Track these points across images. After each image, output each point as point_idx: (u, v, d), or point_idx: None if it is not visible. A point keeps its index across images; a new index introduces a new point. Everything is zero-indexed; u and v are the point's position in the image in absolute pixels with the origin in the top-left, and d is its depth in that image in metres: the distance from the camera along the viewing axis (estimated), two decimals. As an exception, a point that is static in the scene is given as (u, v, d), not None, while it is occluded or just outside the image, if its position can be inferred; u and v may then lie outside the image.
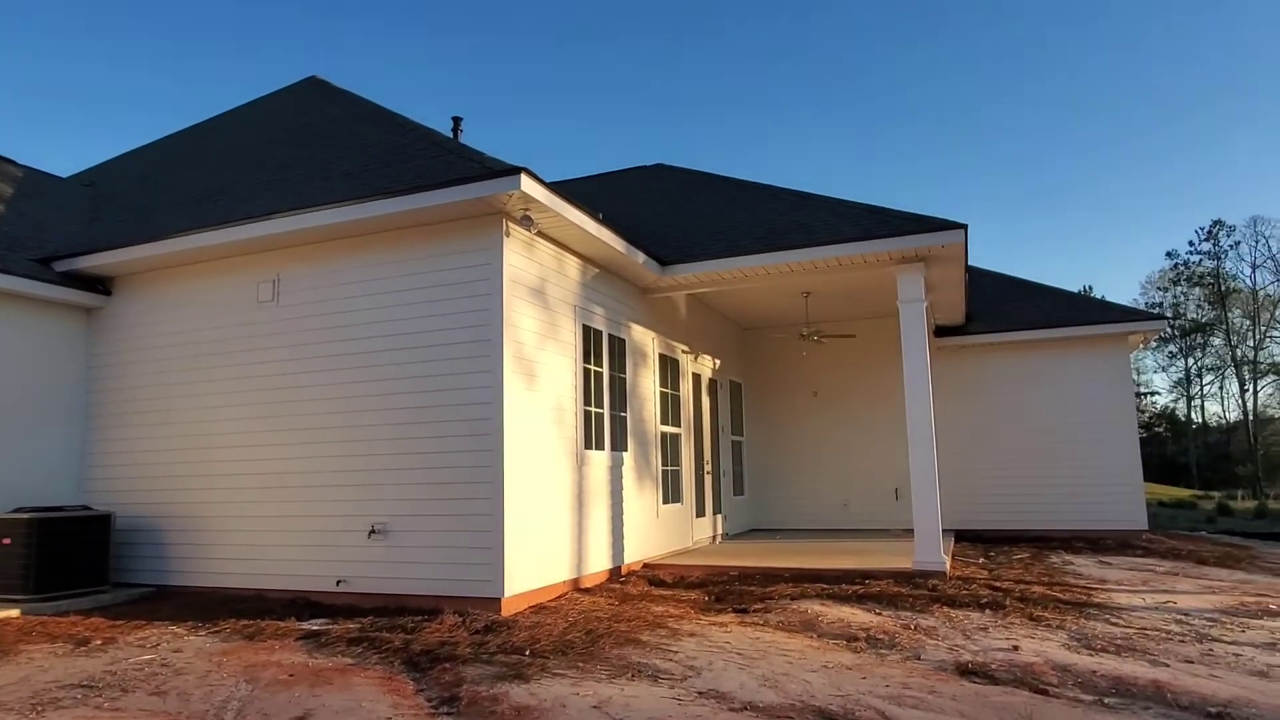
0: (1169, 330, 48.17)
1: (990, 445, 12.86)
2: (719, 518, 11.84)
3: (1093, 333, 12.45)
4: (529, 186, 6.34)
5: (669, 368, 10.42)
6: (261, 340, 7.56)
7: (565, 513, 7.47)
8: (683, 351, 10.86)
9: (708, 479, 11.46)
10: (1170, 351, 50.61)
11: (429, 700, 4.23)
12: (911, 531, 8.24)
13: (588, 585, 7.70)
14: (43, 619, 6.26)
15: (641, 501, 9.21)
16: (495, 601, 6.30)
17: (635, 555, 8.89)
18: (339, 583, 6.86)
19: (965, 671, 4.67)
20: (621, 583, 8.01)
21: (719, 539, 11.72)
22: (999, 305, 13.35)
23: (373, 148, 8.28)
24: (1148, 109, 70.97)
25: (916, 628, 5.86)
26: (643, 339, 9.65)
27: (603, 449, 8.36)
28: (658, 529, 9.62)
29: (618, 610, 6.48)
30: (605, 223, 7.72)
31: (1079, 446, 12.48)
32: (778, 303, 11.61)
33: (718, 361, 12.27)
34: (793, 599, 6.89)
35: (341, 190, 7.20)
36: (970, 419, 12.95)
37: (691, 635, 5.63)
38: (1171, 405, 52.04)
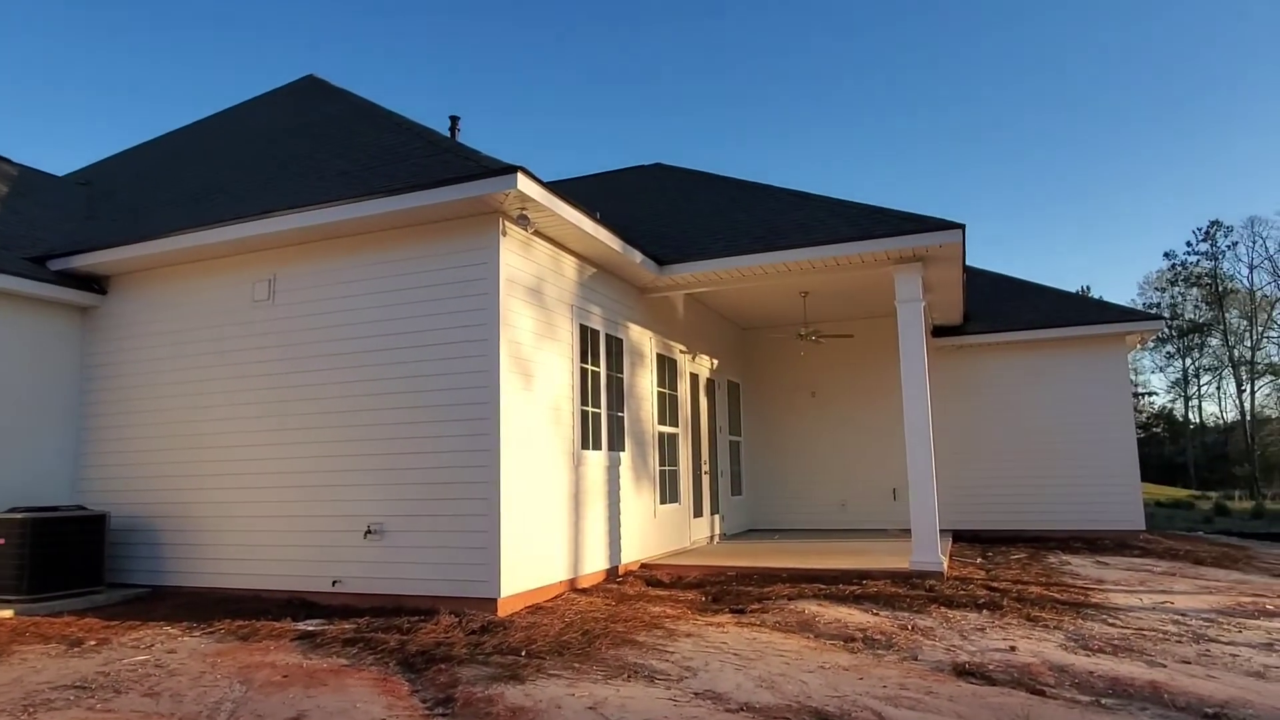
0: (1166, 331, 48.25)
1: (988, 445, 12.85)
2: (717, 518, 11.83)
3: (1090, 333, 12.45)
4: (525, 185, 6.32)
5: (666, 367, 10.41)
6: (257, 340, 7.53)
7: (562, 513, 7.45)
8: (680, 351, 10.85)
9: (705, 479, 11.45)
10: (1168, 352, 50.73)
11: (424, 701, 4.21)
12: (909, 531, 8.24)
13: (584, 585, 7.68)
14: (36, 620, 6.24)
15: (639, 501, 9.20)
16: (491, 602, 6.29)
17: (632, 555, 8.88)
18: (335, 583, 6.84)
19: (962, 672, 4.66)
20: (618, 583, 7.99)
21: (717, 539, 11.70)
22: (997, 305, 13.34)
23: (369, 147, 8.26)
24: (1146, 109, 71.17)
25: (913, 628, 5.85)
26: (640, 339, 9.64)
27: (600, 449, 8.34)
28: (655, 529, 9.61)
29: (614, 610, 6.46)
30: (602, 222, 7.70)
31: (1077, 446, 12.48)
32: (776, 303, 11.60)
33: (715, 361, 12.26)
34: (790, 599, 6.88)
35: (338, 189, 7.18)
36: (968, 419, 12.94)
37: (688, 636, 5.61)
38: (1169, 405, 52.20)
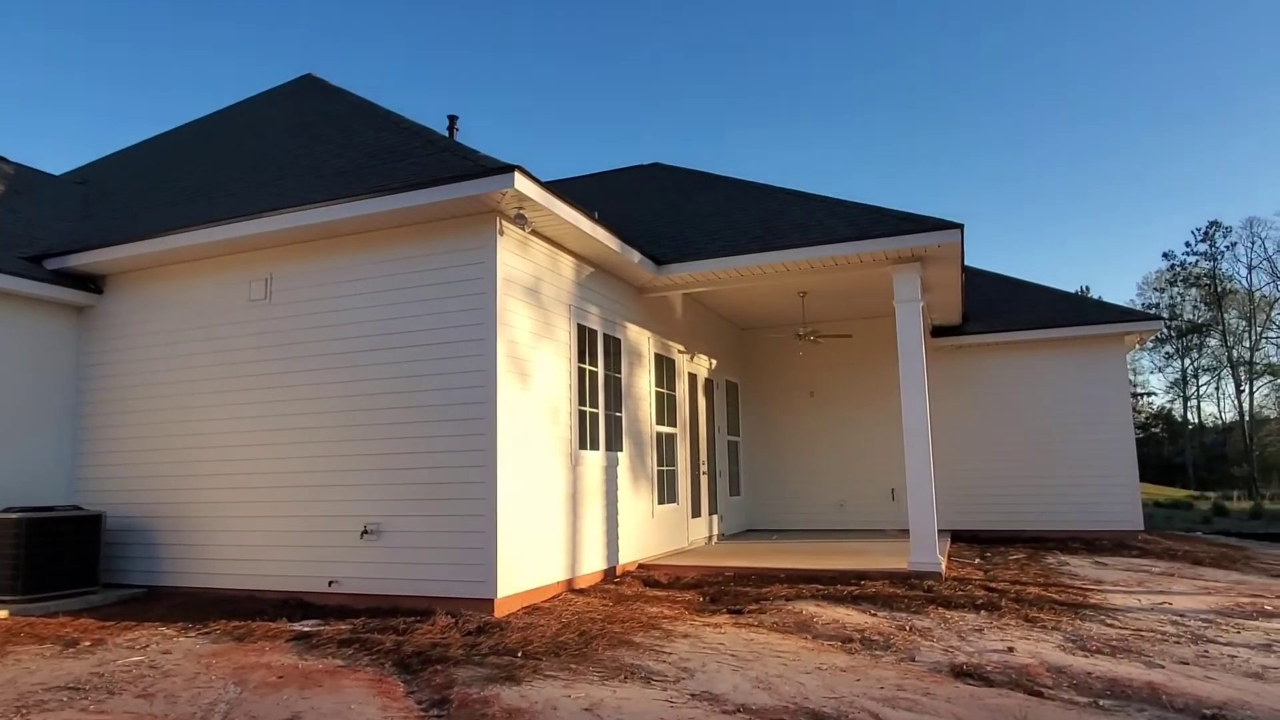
0: (1165, 331, 48.30)
1: (987, 445, 12.83)
2: (715, 518, 11.81)
3: (1089, 333, 12.44)
4: (522, 185, 6.30)
5: (665, 367, 10.39)
6: (254, 339, 7.51)
7: (559, 513, 7.43)
8: (679, 351, 10.83)
9: (704, 479, 11.43)
10: (1167, 352, 50.77)
11: (419, 703, 4.19)
12: (907, 532, 8.22)
13: (582, 586, 7.66)
14: (31, 620, 6.21)
15: (636, 502, 9.18)
16: (488, 602, 6.27)
17: (630, 556, 8.86)
18: (331, 583, 6.82)
19: (960, 673, 4.65)
20: (616, 583, 7.97)
21: (715, 539, 11.69)
22: (996, 305, 13.33)
23: (367, 146, 8.24)
24: (1145, 109, 71.20)
25: (911, 629, 5.83)
26: (638, 339, 9.62)
27: (597, 449, 8.32)
28: (653, 529, 9.59)
29: (611, 611, 6.44)
30: (600, 221, 7.68)
31: (1076, 447, 12.47)
32: (774, 303, 11.59)
33: (714, 361, 12.24)
34: (788, 600, 6.86)
35: (335, 189, 7.15)
36: (967, 419, 12.93)
37: (685, 636, 5.59)
38: (1168, 406, 52.24)
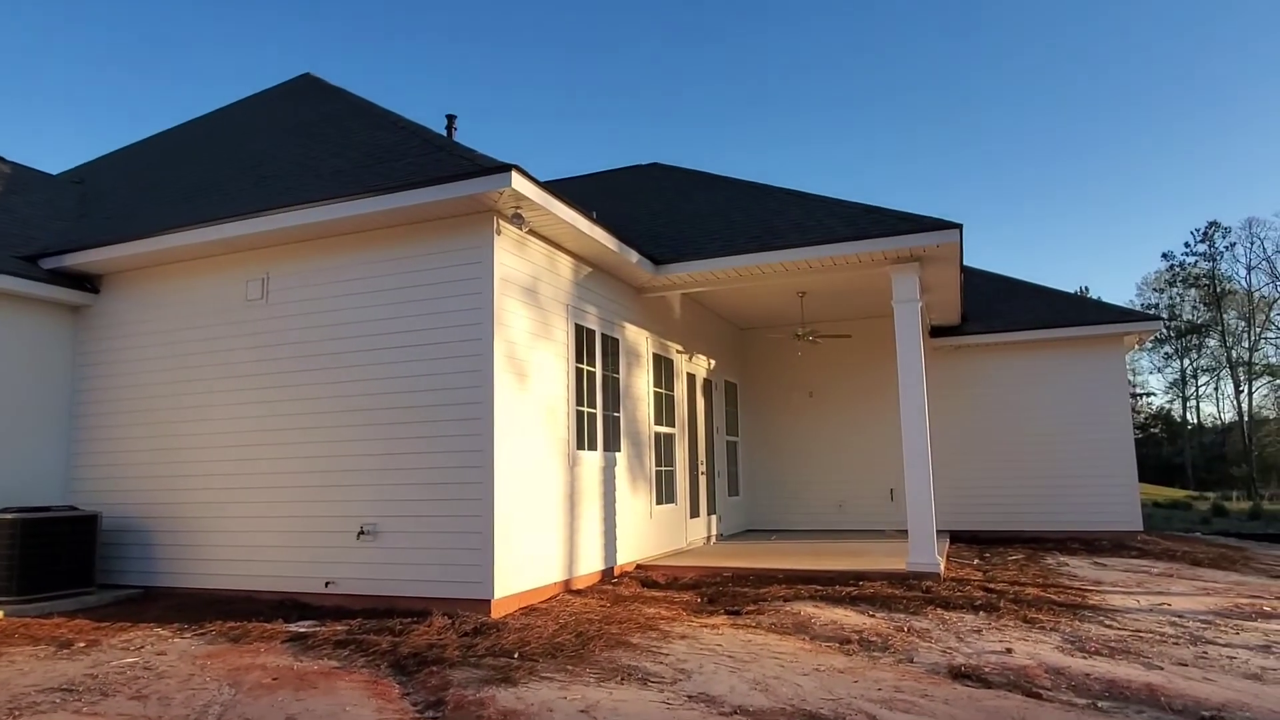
0: (1165, 331, 48.30)
1: (986, 446, 12.81)
2: (713, 518, 11.79)
3: (1089, 333, 12.42)
4: (520, 184, 6.28)
5: (663, 367, 10.37)
6: (250, 339, 7.49)
7: (557, 513, 7.41)
8: (677, 351, 10.81)
9: (702, 479, 11.41)
10: (1166, 353, 50.78)
11: (414, 704, 4.17)
12: (906, 532, 8.20)
13: (579, 586, 7.64)
14: (26, 621, 6.19)
15: (635, 502, 9.16)
16: (485, 603, 6.24)
17: (628, 556, 8.84)
18: (328, 584, 6.80)
19: (958, 675, 4.63)
20: (614, 584, 7.95)
21: (713, 540, 11.66)
22: (995, 306, 13.31)
23: (365, 145, 8.22)
24: (1145, 110, 71.21)
25: (910, 630, 5.81)
26: (637, 339, 9.59)
27: (595, 449, 8.30)
28: (651, 530, 9.57)
29: (609, 612, 6.42)
30: (598, 221, 7.66)
31: (1075, 447, 12.44)
32: (773, 303, 11.57)
33: (713, 361, 12.22)
34: (786, 600, 6.84)
35: (332, 188, 7.13)
36: (966, 419, 12.91)
37: (683, 638, 5.57)
38: (1167, 406, 52.25)
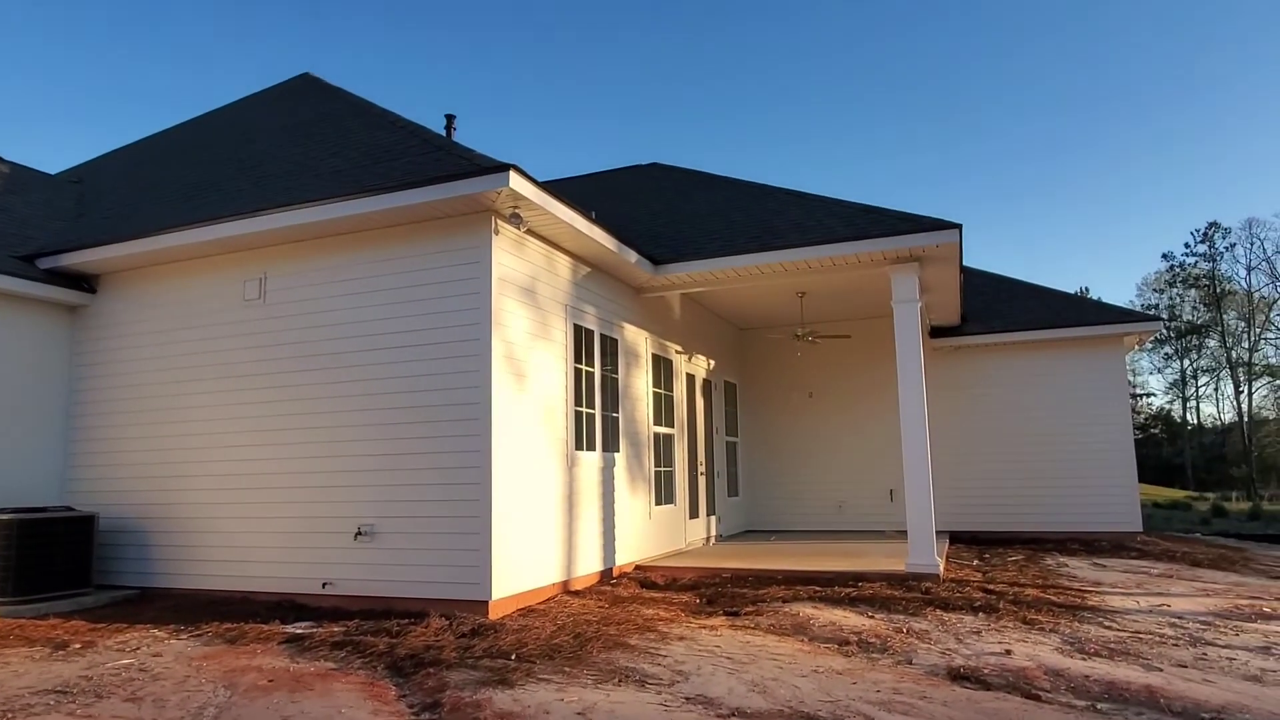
0: (1164, 332, 48.29)
1: (985, 446, 12.78)
2: (713, 519, 11.77)
3: (1089, 334, 12.39)
4: (518, 184, 6.26)
5: (662, 368, 10.34)
6: (248, 339, 7.46)
7: (555, 514, 7.38)
8: (676, 352, 10.79)
9: (701, 480, 11.39)
10: (1166, 353, 50.77)
11: (410, 707, 4.15)
12: (906, 533, 8.18)
13: (578, 587, 7.62)
14: (21, 622, 6.16)
15: (633, 503, 9.13)
16: (483, 604, 6.22)
17: (627, 557, 8.82)
18: (325, 585, 6.77)
19: (957, 676, 4.61)
20: (612, 585, 7.93)
21: (713, 540, 11.64)
22: (995, 306, 13.29)
23: (363, 145, 8.19)
24: (1145, 111, 71.19)
25: (909, 631, 5.79)
26: (636, 339, 9.57)
27: (594, 450, 8.27)
28: (650, 530, 9.54)
29: (607, 613, 6.40)
30: (597, 221, 7.64)
31: (1075, 447, 12.42)
32: (773, 303, 11.55)
33: (712, 362, 12.20)
34: (785, 601, 6.82)
35: (330, 188, 7.10)
36: (966, 420, 12.88)
37: (681, 639, 5.55)
38: (1167, 407, 52.23)
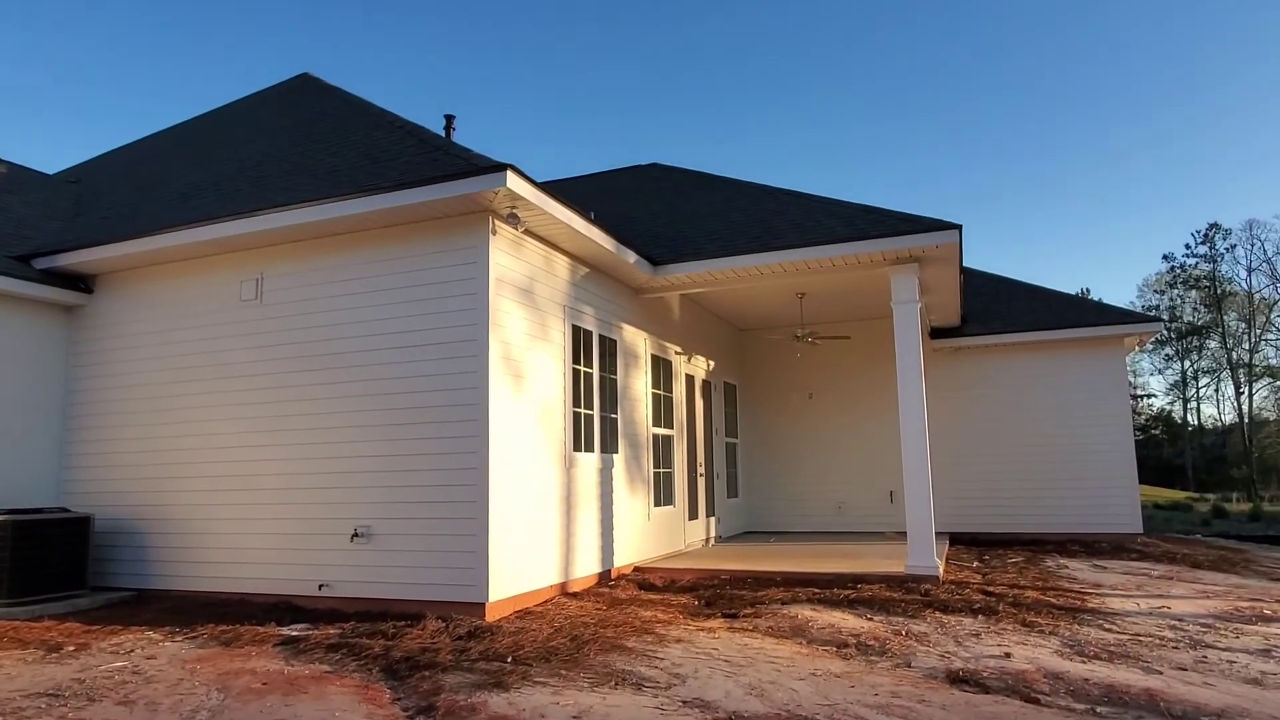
0: (1165, 333, 48.26)
1: (986, 447, 12.75)
2: (712, 520, 11.74)
3: (1089, 335, 12.36)
4: (515, 184, 6.23)
5: (661, 369, 10.31)
6: (245, 339, 7.44)
7: (553, 516, 7.35)
8: (676, 353, 10.76)
9: (701, 481, 11.36)
10: (1166, 354, 50.75)
11: (405, 710, 4.12)
12: (905, 534, 8.14)
13: (576, 589, 7.59)
14: (16, 624, 6.13)
15: (632, 504, 9.10)
16: (479, 606, 6.19)
17: (625, 558, 8.79)
18: (321, 587, 6.75)
19: (956, 679, 4.57)
20: (610, 587, 7.90)
21: (712, 542, 11.61)
22: (995, 307, 13.26)
23: (361, 145, 8.16)
24: (1145, 111, 71.18)
25: (908, 633, 5.76)
26: (634, 340, 9.54)
27: (592, 451, 8.24)
28: (649, 532, 9.51)
29: (605, 615, 6.37)
30: (595, 221, 7.61)
31: (1075, 449, 12.39)
32: (772, 304, 11.52)
33: (712, 363, 12.17)
34: (783, 603, 6.79)
35: (327, 188, 7.08)
36: (965, 421, 12.85)
37: (679, 641, 5.52)
38: (1167, 408, 52.19)
